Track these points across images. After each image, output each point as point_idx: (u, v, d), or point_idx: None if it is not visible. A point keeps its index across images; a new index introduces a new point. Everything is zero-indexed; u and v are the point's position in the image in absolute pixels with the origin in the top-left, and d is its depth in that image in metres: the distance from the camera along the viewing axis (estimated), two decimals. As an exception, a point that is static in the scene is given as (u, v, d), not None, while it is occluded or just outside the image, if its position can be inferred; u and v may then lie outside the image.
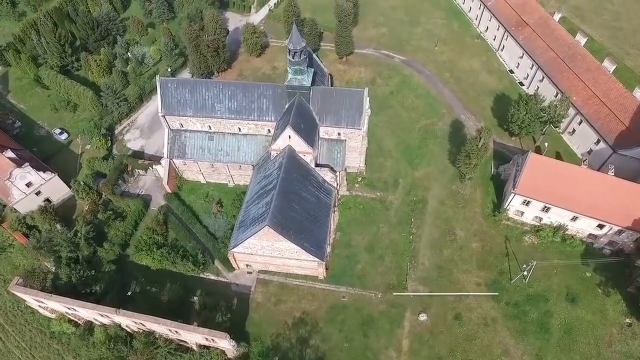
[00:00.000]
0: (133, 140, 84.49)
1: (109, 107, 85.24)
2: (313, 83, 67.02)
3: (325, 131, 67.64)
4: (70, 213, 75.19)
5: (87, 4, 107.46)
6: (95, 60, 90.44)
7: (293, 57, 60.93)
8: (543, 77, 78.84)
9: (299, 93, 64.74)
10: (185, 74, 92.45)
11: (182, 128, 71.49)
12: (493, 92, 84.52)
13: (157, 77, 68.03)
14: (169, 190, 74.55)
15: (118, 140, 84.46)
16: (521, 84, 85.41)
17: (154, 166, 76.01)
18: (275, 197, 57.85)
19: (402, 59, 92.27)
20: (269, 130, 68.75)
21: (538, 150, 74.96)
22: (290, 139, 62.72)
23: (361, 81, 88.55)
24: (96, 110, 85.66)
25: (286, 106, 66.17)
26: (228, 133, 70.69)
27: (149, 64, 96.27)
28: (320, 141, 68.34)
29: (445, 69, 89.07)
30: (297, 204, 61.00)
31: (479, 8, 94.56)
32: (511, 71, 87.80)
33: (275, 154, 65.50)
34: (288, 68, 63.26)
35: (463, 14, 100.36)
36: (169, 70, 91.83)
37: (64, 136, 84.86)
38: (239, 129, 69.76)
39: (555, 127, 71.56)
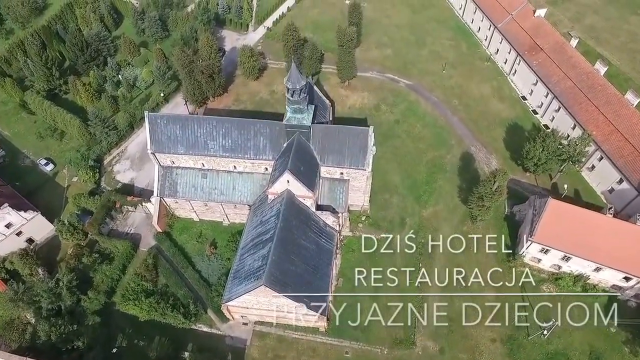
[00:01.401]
0: (123, 172, 79.54)
1: (97, 136, 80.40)
2: (314, 118, 62.34)
3: (327, 170, 62.77)
4: (55, 253, 70.34)
5: (77, 22, 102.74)
6: (84, 85, 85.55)
7: (292, 96, 56.07)
8: (559, 108, 73.84)
9: (299, 132, 59.91)
10: (179, 99, 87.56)
11: (174, 165, 66.68)
12: (505, 121, 79.55)
13: (146, 113, 63.11)
14: (159, 230, 69.70)
15: (107, 172, 79.54)
16: (535, 112, 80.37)
17: (143, 203, 71.20)
18: (272, 250, 52.95)
19: (407, 83, 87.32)
20: (266, 168, 63.95)
21: (555, 188, 70.07)
22: (288, 183, 57.85)
23: (364, 107, 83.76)
24: (84, 139, 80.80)
25: (284, 145, 61.29)
26: (222, 171, 65.81)
27: (141, 87, 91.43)
28: (321, 181, 63.45)
29: (454, 95, 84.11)
30: (296, 256, 56.09)
31: (489, 29, 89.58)
32: (524, 98, 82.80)
33: (273, 197, 60.64)
34: (287, 106, 58.40)
35: (472, 34, 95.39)
36: (162, 95, 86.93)
37: (50, 167, 79.91)
38: (234, 166, 64.94)
39: (575, 165, 66.59)
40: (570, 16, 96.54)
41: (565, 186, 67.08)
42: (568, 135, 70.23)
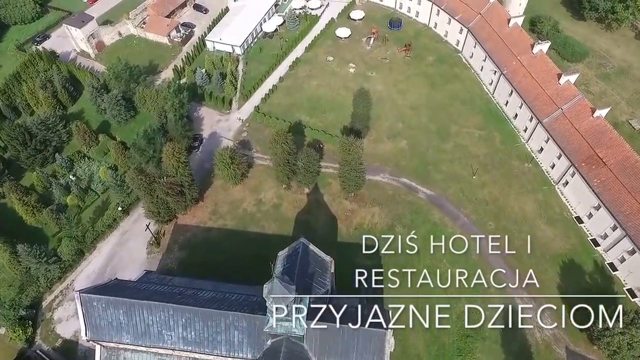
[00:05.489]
0: (66, 321, 61.74)
1: (32, 271, 62.83)
2: (308, 289, 44.98)
3: (328, 377, 45.22)
4: None
5: (26, 98, 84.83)
6: (20, 198, 67.83)
7: (276, 310, 38.42)
8: (634, 249, 56.14)
9: (288, 336, 42.33)
10: (141, 210, 69.78)
11: (120, 346, 49.12)
12: (557, 257, 61.73)
13: (76, 295, 45.43)
14: None
15: (44, 321, 61.99)
16: (596, 243, 62.47)
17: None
18: None
19: (428, 193, 69.49)
20: (244, 365, 46.43)
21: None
22: (273, 418, 40.33)
23: (374, 229, 65.94)
24: (17, 274, 63.34)
25: (268, 343, 43.69)
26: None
27: (97, 190, 73.72)
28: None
29: (488, 214, 66.28)
30: None
31: (530, 119, 71.69)
32: (579, 219, 64.87)
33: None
34: (269, 313, 40.69)
35: (506, 120, 77.32)
36: (120, 208, 69.22)
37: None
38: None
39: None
40: (628, 97, 78.68)
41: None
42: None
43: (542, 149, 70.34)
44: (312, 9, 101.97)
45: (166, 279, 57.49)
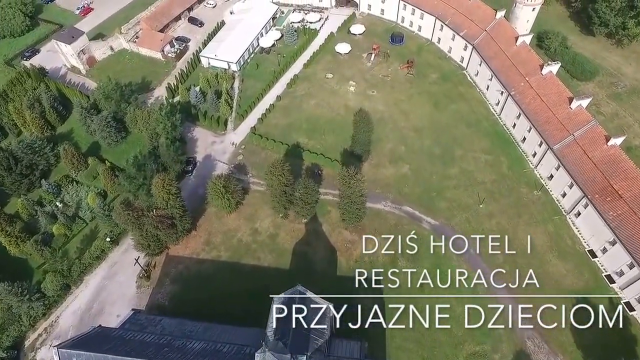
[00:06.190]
0: (49, 361, 58.81)
1: (13, 310, 59.44)
2: (305, 342, 41.64)
3: None
4: None
5: (13, 118, 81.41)
6: (3, 229, 64.53)
7: (268, 380, 35.06)
8: (653, 290, 52.85)
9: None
10: (131, 240, 66.37)
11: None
12: (571, 293, 58.21)
13: (55, 351, 42.12)
14: None
15: (26, 362, 58.81)
16: (610, 279, 58.98)
17: None
18: None
19: (432, 223, 66.12)
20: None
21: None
22: None
23: (376, 262, 62.52)
24: (-2, 312, 60.06)
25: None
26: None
27: (86, 218, 70.36)
28: None
29: (496, 247, 62.65)
30: None
31: (539, 145, 68.25)
32: (592, 253, 61.38)
33: None
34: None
35: (514, 143, 73.81)
36: (108, 239, 65.84)
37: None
38: (190, 415, 44.00)
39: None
40: (641, 118, 75.30)
41: None
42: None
43: (552, 176, 66.87)
44: (310, 23, 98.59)
45: (155, 320, 54.20)
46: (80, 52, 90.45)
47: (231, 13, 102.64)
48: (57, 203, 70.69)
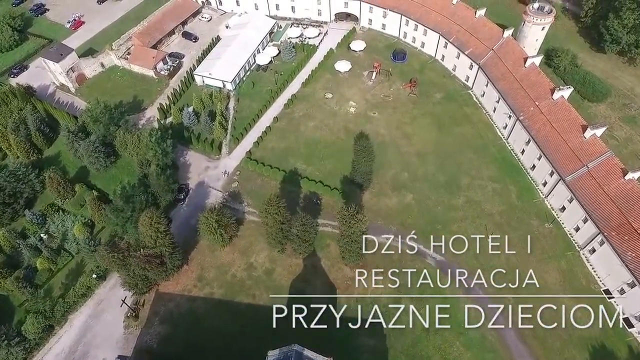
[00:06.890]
0: (29, 411, 55.23)
1: (-7, 355, 56.00)
2: None
3: None
4: None
5: (-3, 142, 77.81)
6: (-19, 265, 61.11)
7: None
8: (675, 339, 49.14)
9: None
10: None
11: None
12: (584, 341, 54.52)
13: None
14: None
15: (5, 412, 55.22)
16: (629, 323, 55.16)
17: None
18: None
19: (438, 259, 62.50)
20: None
21: None
22: None
23: (378, 301, 58.83)
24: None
25: None
26: None
27: (72, 251, 66.74)
28: None
29: (507, 288, 58.91)
30: None
31: (550, 174, 64.59)
32: (608, 293, 57.68)
33: None
34: None
35: (523, 171, 70.20)
36: (95, 275, 62.21)
37: None
38: None
39: None
40: (656, 144, 71.60)
41: None
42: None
43: (564, 208, 63.23)
44: (309, 38, 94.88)
45: (141, 369, 50.68)
46: (69, 70, 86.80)
47: (227, 27, 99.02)
48: (42, 235, 67.09)
